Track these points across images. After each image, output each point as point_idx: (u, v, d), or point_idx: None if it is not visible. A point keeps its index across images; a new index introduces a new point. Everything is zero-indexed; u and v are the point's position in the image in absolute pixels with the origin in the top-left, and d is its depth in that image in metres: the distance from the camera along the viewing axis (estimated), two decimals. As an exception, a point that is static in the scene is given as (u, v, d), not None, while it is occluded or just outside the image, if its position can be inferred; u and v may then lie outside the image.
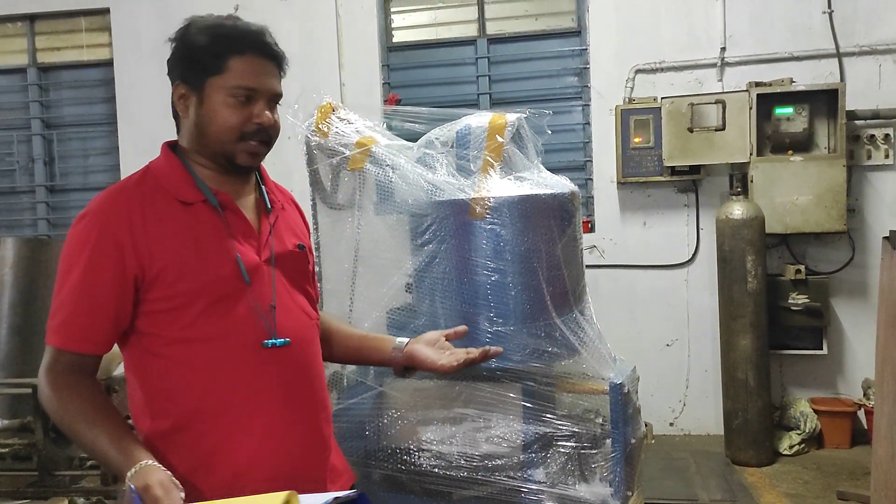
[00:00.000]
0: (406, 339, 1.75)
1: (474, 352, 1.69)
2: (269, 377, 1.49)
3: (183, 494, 1.30)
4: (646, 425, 5.20)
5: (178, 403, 1.45)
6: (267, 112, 1.50)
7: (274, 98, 1.53)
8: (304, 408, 1.55)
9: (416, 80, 5.43)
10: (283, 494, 1.25)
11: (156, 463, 1.33)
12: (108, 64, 5.65)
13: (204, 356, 1.45)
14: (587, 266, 2.45)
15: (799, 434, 4.59)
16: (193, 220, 1.48)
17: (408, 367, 1.75)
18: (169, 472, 1.33)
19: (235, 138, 1.49)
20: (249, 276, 1.48)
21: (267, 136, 1.52)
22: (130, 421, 1.51)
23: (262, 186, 1.63)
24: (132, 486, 1.28)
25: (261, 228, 1.57)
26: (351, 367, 2.33)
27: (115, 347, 2.05)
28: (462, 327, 1.79)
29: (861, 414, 4.71)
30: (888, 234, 2.80)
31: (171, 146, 1.57)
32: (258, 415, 1.48)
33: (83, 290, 1.41)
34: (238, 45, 1.49)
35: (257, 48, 1.50)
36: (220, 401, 1.46)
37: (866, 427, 4.65)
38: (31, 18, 5.79)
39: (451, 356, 1.68)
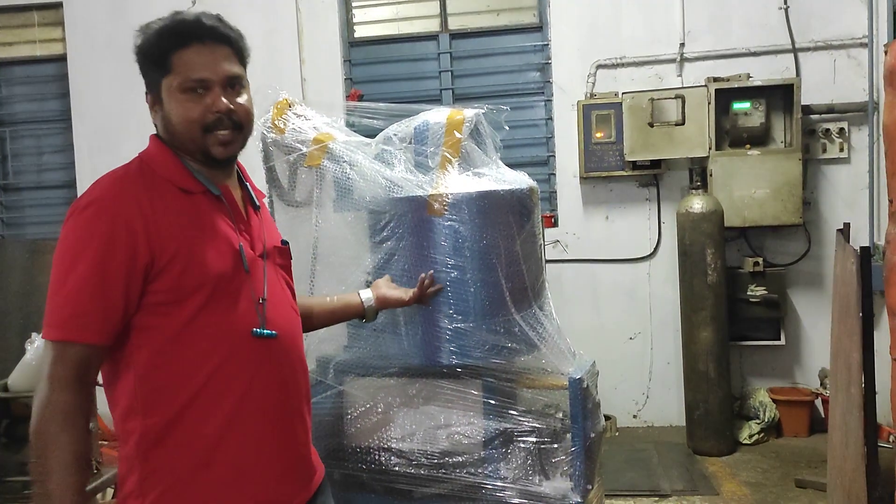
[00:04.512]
0: (368, 290, 2.06)
1: (423, 276, 2.09)
2: (264, 369, 1.47)
3: None
4: (608, 418, 5.23)
5: (173, 397, 1.40)
6: (223, 98, 1.45)
7: (231, 81, 1.47)
8: (296, 400, 1.55)
9: (379, 75, 5.40)
10: None
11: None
12: (62, 59, 5.52)
13: (203, 345, 1.41)
14: (550, 261, 2.46)
15: (758, 423, 4.68)
16: (196, 209, 1.45)
17: (379, 309, 2.07)
18: None
19: (200, 133, 1.45)
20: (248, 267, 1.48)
21: (233, 122, 1.48)
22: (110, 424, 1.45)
23: (246, 182, 1.62)
24: None
25: (251, 223, 1.55)
26: (311, 367, 2.31)
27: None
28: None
29: (818, 403, 4.81)
30: (842, 227, 2.86)
31: (159, 137, 1.52)
32: (256, 406, 1.46)
33: (95, 280, 1.34)
34: (178, 38, 1.44)
35: (199, 36, 1.45)
36: (216, 391, 1.42)
37: (823, 415, 4.75)
38: (-19, 12, 5.64)
39: (411, 289, 2.08)
